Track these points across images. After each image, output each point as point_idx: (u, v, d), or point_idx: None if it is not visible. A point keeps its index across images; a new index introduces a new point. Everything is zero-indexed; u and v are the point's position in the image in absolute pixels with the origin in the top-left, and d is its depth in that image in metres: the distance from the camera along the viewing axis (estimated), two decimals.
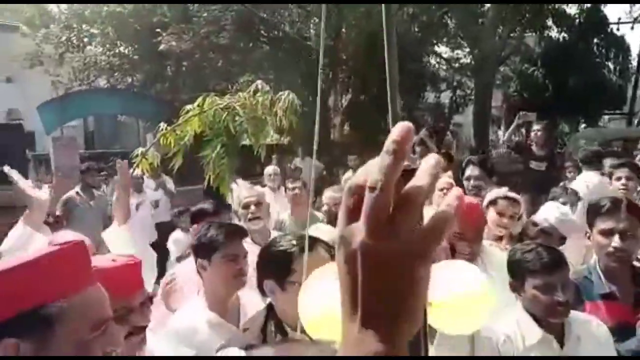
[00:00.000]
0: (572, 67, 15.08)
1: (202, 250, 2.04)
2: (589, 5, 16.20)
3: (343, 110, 13.10)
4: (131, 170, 5.84)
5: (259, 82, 4.99)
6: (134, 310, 1.41)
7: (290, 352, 0.85)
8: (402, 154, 0.46)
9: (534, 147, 5.83)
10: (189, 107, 4.67)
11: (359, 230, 0.47)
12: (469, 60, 15.11)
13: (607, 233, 2.10)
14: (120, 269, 1.39)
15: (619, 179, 3.64)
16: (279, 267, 1.60)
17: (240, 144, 5.46)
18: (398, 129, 0.47)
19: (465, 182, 3.18)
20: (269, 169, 6.35)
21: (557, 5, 15.67)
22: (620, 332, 2.00)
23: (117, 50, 10.34)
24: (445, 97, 15.09)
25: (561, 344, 1.85)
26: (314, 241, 1.68)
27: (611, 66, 16.53)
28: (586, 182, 2.85)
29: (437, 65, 16.03)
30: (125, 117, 13.16)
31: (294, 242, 1.65)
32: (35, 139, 10.48)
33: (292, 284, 1.55)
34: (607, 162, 4.23)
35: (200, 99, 4.71)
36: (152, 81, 10.30)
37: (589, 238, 2.26)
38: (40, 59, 10.29)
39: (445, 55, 16.05)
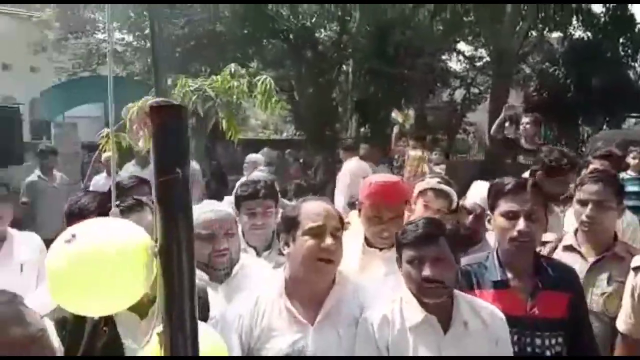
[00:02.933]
0: (595, 67, 14.51)
1: (72, 218, 1.97)
2: (615, 4, 15.59)
3: (351, 104, 12.88)
4: (99, 152, 5.74)
5: (232, 65, 4.84)
6: None
7: None
8: None
9: (522, 141, 5.54)
10: None
11: None
12: (490, 59, 14.75)
13: (511, 216, 1.86)
14: None
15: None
16: None
17: (210, 126, 5.32)
18: None
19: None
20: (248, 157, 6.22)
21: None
22: (510, 323, 1.78)
23: (120, 38, 10.39)
24: (459, 95, 14.70)
25: (446, 328, 1.66)
26: (139, 202, 1.74)
27: (637, 67, 15.83)
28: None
29: (458, 64, 15.75)
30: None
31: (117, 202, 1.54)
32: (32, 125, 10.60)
33: None
34: None
35: (170, 81, 4.59)
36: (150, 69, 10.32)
37: (488, 222, 2.01)
38: (44, 45, 10.42)
39: (467, 54, 15.75)
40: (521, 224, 1.83)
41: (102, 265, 0.97)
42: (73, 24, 10.34)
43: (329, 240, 1.67)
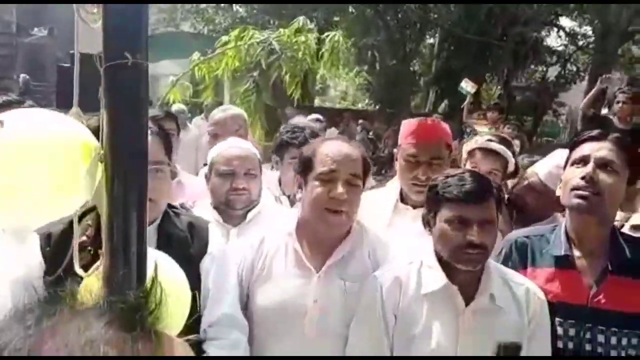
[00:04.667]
0: None
1: None
2: None
3: (432, 76, 12.31)
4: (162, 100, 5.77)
5: (301, 18, 4.62)
6: None
7: None
8: None
9: (615, 120, 4.90)
10: (225, 38, 4.42)
11: None
12: (594, 35, 13.47)
13: (580, 161, 1.45)
14: None
15: None
16: None
17: (272, 80, 5.17)
18: None
19: None
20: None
21: None
22: (566, 311, 1.46)
23: None
24: (553, 73, 13.59)
25: (469, 301, 1.41)
26: None
27: None
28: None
29: (558, 39, 14.56)
30: None
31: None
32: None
33: None
34: None
35: (237, 31, 4.44)
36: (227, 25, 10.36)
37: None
38: None
39: (569, 30, 14.50)
40: (589, 168, 1.41)
41: (30, 158, 0.82)
42: None
43: (339, 189, 1.47)
